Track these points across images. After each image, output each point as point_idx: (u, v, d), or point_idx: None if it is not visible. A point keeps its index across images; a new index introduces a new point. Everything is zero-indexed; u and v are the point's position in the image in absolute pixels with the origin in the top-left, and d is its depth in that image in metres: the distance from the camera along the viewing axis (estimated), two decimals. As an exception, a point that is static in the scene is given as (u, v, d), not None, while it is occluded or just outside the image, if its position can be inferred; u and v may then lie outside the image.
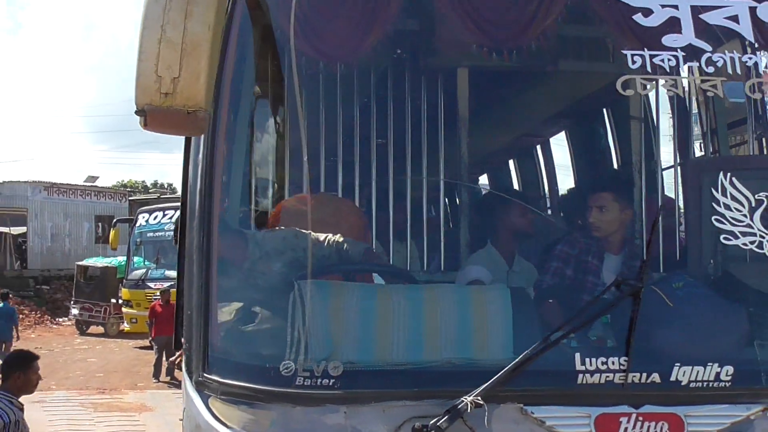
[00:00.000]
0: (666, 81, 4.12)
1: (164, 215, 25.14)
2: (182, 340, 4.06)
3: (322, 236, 4.28)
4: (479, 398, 3.44)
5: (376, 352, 3.74)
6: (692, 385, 3.70)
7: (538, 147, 8.12)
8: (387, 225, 6.03)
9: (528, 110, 6.47)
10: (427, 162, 5.94)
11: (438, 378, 3.68)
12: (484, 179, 8.88)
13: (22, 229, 32.28)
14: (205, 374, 3.64)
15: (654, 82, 4.12)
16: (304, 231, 4.07)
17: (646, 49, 4.07)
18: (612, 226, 4.65)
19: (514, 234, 5.47)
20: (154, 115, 3.30)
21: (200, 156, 3.86)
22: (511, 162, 8.56)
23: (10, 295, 20.20)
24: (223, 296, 3.81)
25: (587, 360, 3.68)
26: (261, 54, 4.01)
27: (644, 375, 3.69)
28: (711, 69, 4.09)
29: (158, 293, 20.47)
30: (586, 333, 3.81)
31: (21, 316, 19.85)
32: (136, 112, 3.33)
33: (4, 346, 18.20)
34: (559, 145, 7.58)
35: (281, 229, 4.53)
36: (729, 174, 3.96)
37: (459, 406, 3.45)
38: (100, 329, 28.19)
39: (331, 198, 5.93)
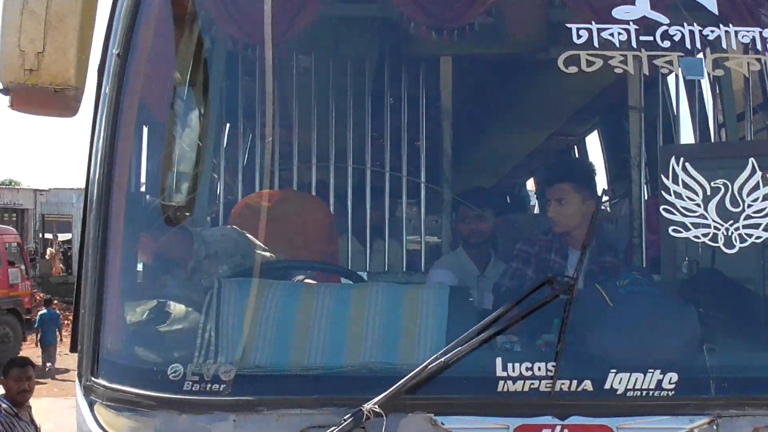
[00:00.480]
0: (615, 57, 3.73)
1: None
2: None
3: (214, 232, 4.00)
4: (377, 407, 3.09)
5: (278, 355, 3.43)
6: (629, 394, 3.31)
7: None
8: (357, 224, 5.76)
9: (487, 99, 6.10)
10: (402, 159, 5.66)
11: (344, 384, 3.35)
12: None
13: (68, 236, 32.66)
14: (92, 378, 3.36)
15: (601, 59, 3.73)
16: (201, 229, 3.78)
17: (593, 23, 3.70)
18: (573, 219, 4.27)
19: (486, 236, 5.13)
20: (19, 94, 3.05)
21: (96, 143, 3.59)
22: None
23: (55, 301, 20.48)
24: (116, 294, 3.52)
25: (509, 365, 3.32)
26: (164, 29, 3.72)
27: (574, 382, 3.32)
28: (667, 44, 3.70)
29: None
30: (511, 336, 3.42)
31: (66, 321, 20.10)
32: (1, 91, 3.07)
33: (49, 349, 18.67)
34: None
35: (180, 227, 4.28)
36: (682, 160, 3.55)
37: (356, 415, 3.11)
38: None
39: (297, 195, 5.68)
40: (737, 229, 3.51)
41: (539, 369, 3.31)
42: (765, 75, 3.99)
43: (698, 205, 3.53)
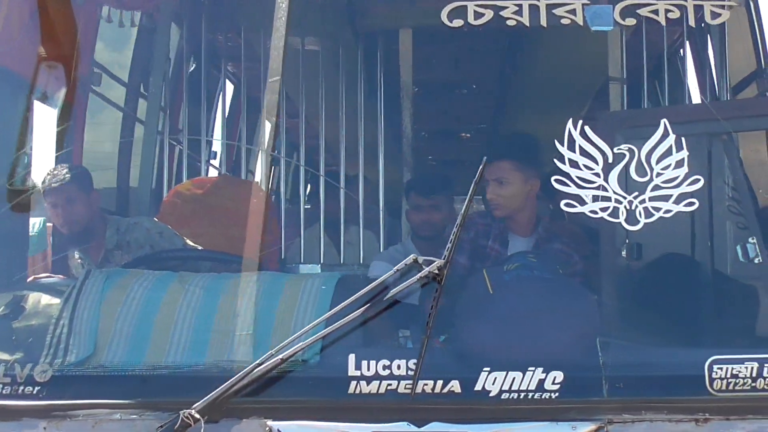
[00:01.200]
0: (508, 7, 3.25)
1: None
2: None
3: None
4: (194, 412, 2.69)
5: (110, 354, 3.04)
6: (504, 396, 2.84)
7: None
8: (310, 214, 5.38)
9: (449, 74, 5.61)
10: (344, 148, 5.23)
11: (175, 385, 2.95)
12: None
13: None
14: None
15: (491, 10, 3.26)
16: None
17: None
18: (515, 202, 3.75)
19: (438, 228, 4.65)
20: None
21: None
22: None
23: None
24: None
25: (364, 363, 2.88)
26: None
27: (439, 383, 2.85)
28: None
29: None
30: (369, 330, 2.98)
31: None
32: None
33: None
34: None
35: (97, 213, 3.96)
36: (580, 123, 3.06)
37: (172, 422, 2.71)
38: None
39: (233, 181, 5.33)
40: (643, 201, 3.00)
41: (399, 367, 2.86)
42: (685, 22, 3.44)
43: (597, 174, 3.02)
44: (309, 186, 5.63)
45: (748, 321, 3.14)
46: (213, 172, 5.63)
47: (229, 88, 5.39)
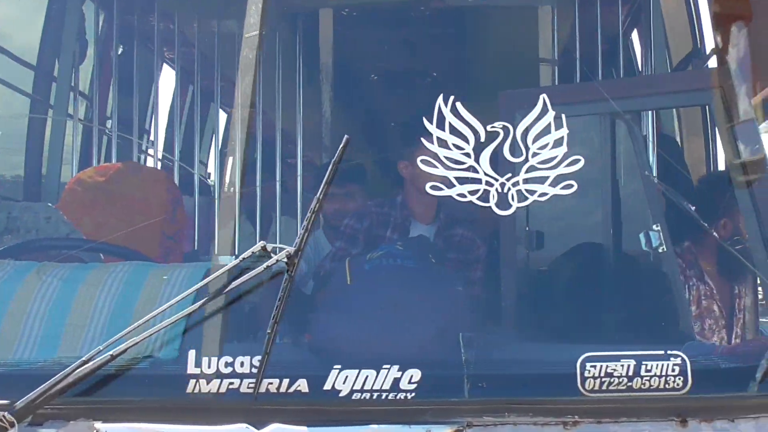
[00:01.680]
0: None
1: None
2: None
3: None
4: (8, 414, 2.48)
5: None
6: (355, 396, 2.61)
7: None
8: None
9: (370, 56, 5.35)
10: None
11: (11, 384, 2.73)
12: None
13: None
14: None
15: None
16: None
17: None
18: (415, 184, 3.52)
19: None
20: None
21: None
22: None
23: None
24: None
25: (205, 360, 2.65)
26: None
27: (285, 382, 2.62)
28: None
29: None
30: (211, 324, 2.75)
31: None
32: None
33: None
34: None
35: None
36: (452, 99, 2.81)
37: (-13, 424, 2.50)
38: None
39: (139, 168, 5.10)
40: (516, 184, 2.75)
41: (242, 365, 2.63)
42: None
43: (467, 155, 2.78)
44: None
45: (629, 315, 2.89)
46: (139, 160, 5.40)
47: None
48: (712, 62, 3.29)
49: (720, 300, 3.33)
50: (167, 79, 5.12)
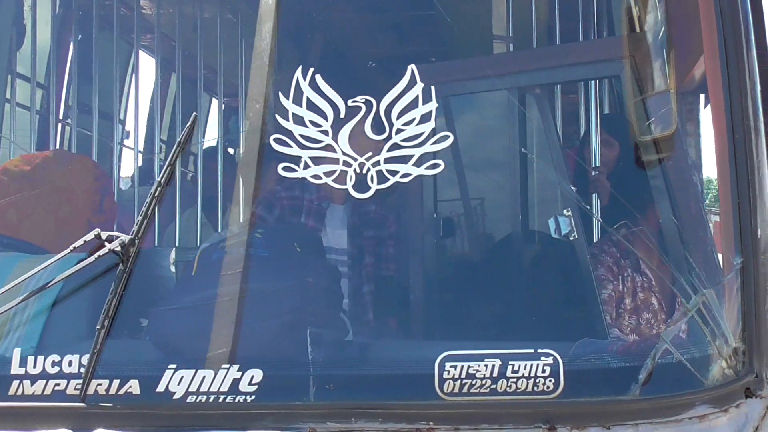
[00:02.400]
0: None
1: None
2: None
3: None
4: None
5: None
6: (190, 399, 2.38)
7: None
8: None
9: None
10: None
11: None
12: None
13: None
14: None
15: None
16: None
17: None
18: None
19: None
20: None
21: None
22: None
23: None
24: None
25: (30, 360, 2.43)
26: None
27: (116, 383, 2.39)
28: None
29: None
30: (37, 320, 2.52)
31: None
32: None
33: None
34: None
35: None
36: (311, 72, 2.56)
37: None
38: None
39: (67, 157, 4.89)
40: (376, 164, 2.48)
41: (70, 364, 2.41)
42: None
43: (325, 132, 2.52)
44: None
45: (504, 310, 2.61)
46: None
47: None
48: (623, 30, 2.97)
49: (648, 292, 3.03)
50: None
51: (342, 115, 2.53)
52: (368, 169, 2.49)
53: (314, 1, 2.98)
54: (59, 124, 4.93)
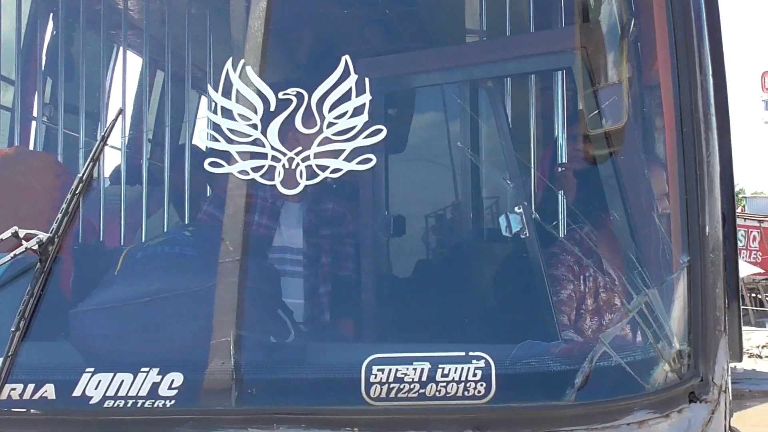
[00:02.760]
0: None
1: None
2: None
3: None
4: None
5: None
6: (108, 404, 2.32)
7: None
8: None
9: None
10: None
11: None
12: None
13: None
14: None
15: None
16: None
17: None
18: None
19: None
20: None
21: None
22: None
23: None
24: None
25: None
26: None
27: (30, 387, 2.32)
28: None
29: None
30: None
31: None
32: None
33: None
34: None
35: None
36: (242, 63, 2.46)
37: None
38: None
39: (28, 154, 4.79)
40: (306, 159, 2.39)
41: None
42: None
43: (254, 126, 2.42)
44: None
45: (435, 310, 2.50)
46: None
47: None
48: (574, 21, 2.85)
49: (598, 293, 2.92)
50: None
51: (272, 108, 2.43)
52: (297, 165, 2.39)
53: None
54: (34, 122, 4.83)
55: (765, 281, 24.02)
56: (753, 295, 23.83)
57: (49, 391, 2.28)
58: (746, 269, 17.92)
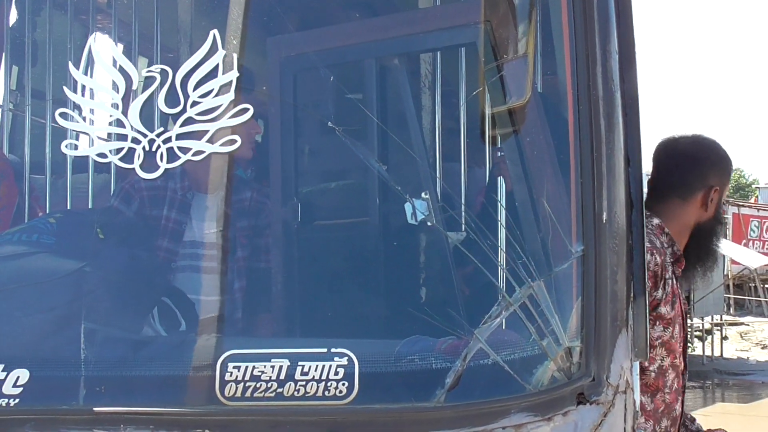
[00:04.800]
0: None
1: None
2: None
3: None
4: None
5: None
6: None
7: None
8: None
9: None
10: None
11: None
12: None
13: None
14: None
15: None
16: None
17: None
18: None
19: None
20: None
21: None
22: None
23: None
24: None
25: None
26: None
27: None
28: None
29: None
30: None
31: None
32: None
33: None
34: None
35: None
36: (95, 36, 2.32)
37: None
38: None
39: None
40: (168, 140, 2.24)
41: None
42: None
43: (115, 106, 2.28)
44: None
45: (297, 303, 2.34)
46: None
47: None
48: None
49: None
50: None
51: (134, 87, 2.28)
52: (158, 147, 2.24)
53: None
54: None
55: (778, 272, 23.65)
56: (766, 286, 23.43)
57: None
58: (759, 260, 17.58)
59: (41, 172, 2.76)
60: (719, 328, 19.94)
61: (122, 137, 2.25)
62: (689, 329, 19.12)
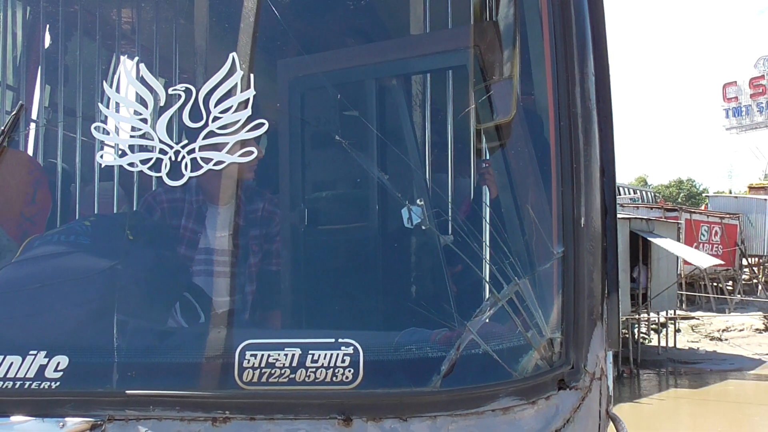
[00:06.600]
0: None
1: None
2: None
3: None
4: None
5: None
6: (-5, 386, 2.15)
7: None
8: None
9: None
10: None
11: None
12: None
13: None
14: None
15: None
16: None
17: None
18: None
19: None
20: None
21: None
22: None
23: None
24: None
25: None
26: None
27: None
28: None
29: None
30: None
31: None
32: None
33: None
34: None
35: None
36: (136, 60, 2.33)
37: None
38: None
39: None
40: (192, 152, 2.26)
41: None
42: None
43: (144, 120, 2.29)
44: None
45: (308, 298, 2.36)
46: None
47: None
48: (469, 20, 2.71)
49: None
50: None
51: (162, 103, 2.30)
52: (183, 157, 2.26)
53: None
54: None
55: (725, 272, 23.80)
56: (714, 284, 23.59)
57: None
58: (708, 261, 17.70)
59: (72, 180, 2.77)
60: (673, 321, 20.13)
61: (150, 149, 2.27)
62: (646, 323, 19.27)
